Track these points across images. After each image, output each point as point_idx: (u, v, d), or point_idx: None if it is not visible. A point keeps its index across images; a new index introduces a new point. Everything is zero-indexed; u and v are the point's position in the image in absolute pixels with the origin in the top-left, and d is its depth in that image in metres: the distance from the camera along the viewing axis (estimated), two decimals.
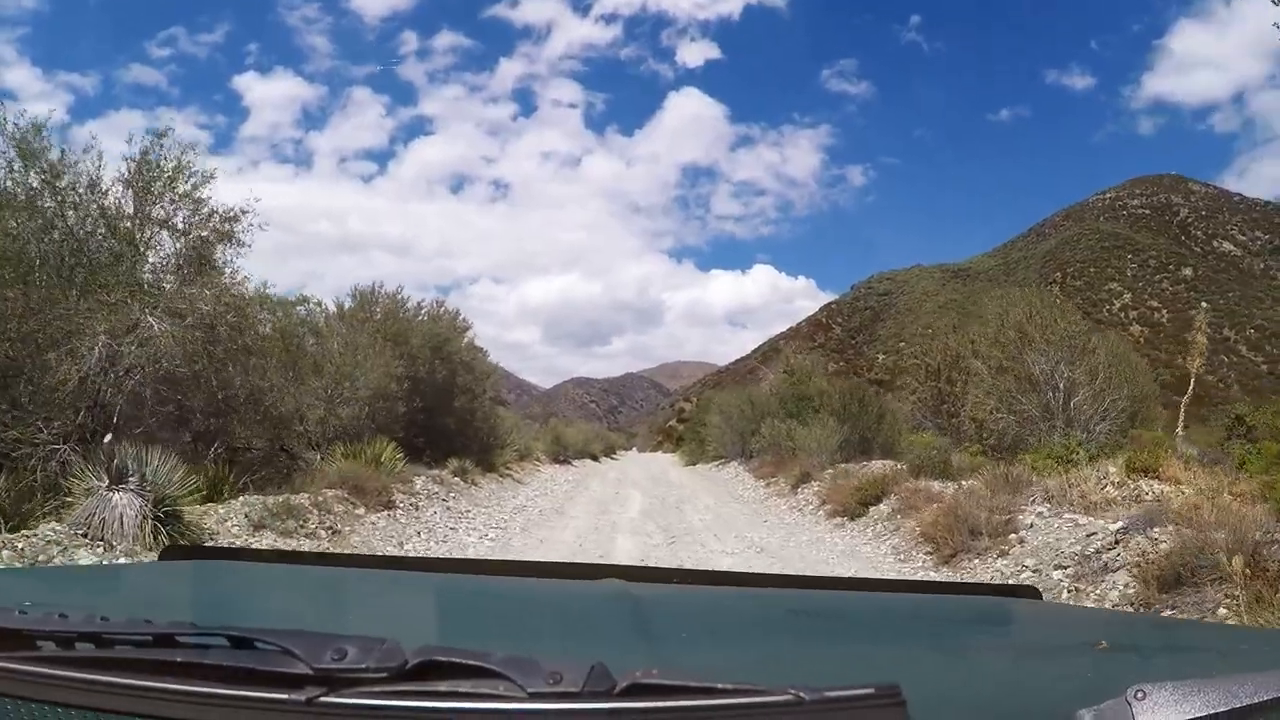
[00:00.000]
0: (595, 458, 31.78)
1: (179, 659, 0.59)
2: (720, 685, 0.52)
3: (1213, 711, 0.57)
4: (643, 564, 6.62)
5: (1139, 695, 0.58)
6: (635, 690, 0.53)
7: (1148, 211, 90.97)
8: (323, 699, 0.54)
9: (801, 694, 0.51)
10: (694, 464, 28.10)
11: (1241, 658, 0.96)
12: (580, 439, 30.93)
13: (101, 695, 0.58)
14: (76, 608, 0.67)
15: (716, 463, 24.80)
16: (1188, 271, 77.39)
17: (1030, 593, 1.41)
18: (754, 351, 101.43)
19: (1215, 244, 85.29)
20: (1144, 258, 78.33)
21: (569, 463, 25.68)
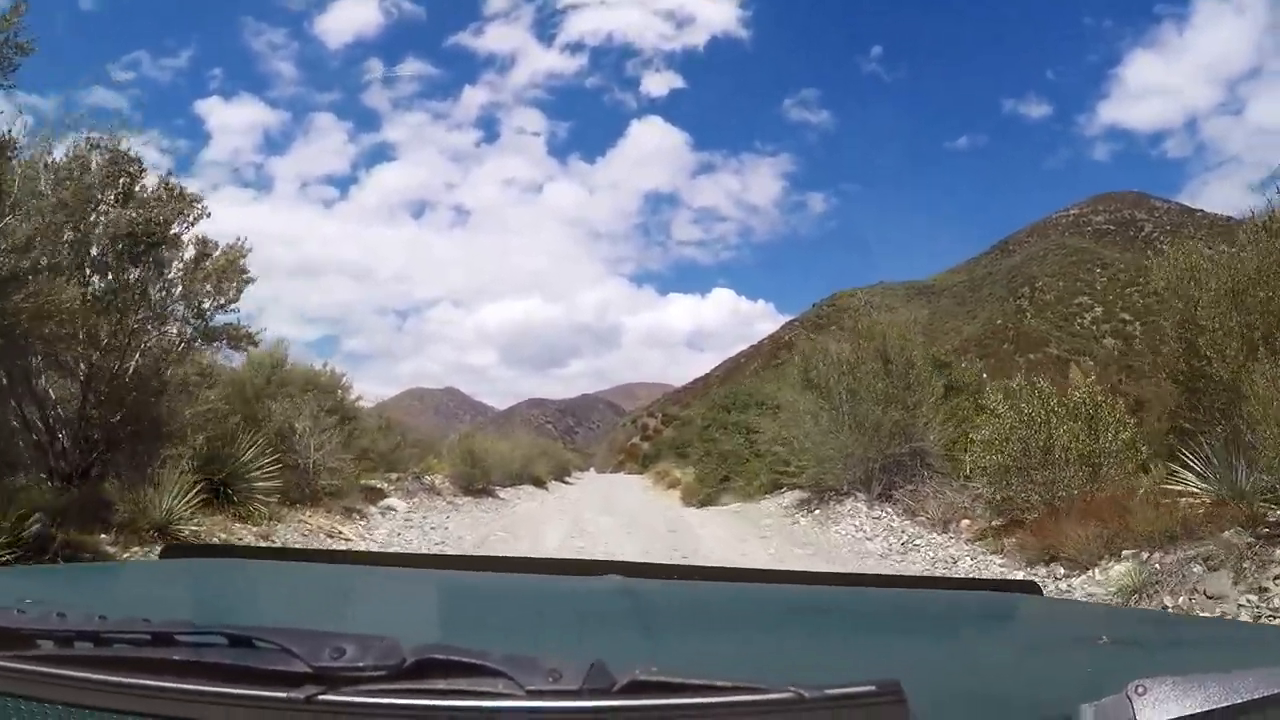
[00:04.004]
0: (541, 483, 22.06)
1: (177, 657, 0.59)
2: (720, 683, 0.52)
3: (1214, 706, 0.57)
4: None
5: (1140, 690, 0.58)
6: (635, 688, 0.53)
7: (1112, 227, 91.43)
8: (321, 697, 0.54)
9: (802, 691, 0.51)
10: (710, 498, 16.42)
11: (1243, 653, 0.96)
12: (517, 457, 20.51)
13: (99, 694, 0.58)
14: (75, 606, 0.67)
15: (779, 498, 13.00)
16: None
17: (1030, 588, 1.41)
18: (714, 370, 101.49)
19: None
20: (1113, 271, 78.09)
21: (491, 494, 15.76)
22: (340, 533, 9.04)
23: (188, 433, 7.00)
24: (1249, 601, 4.45)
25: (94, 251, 6.42)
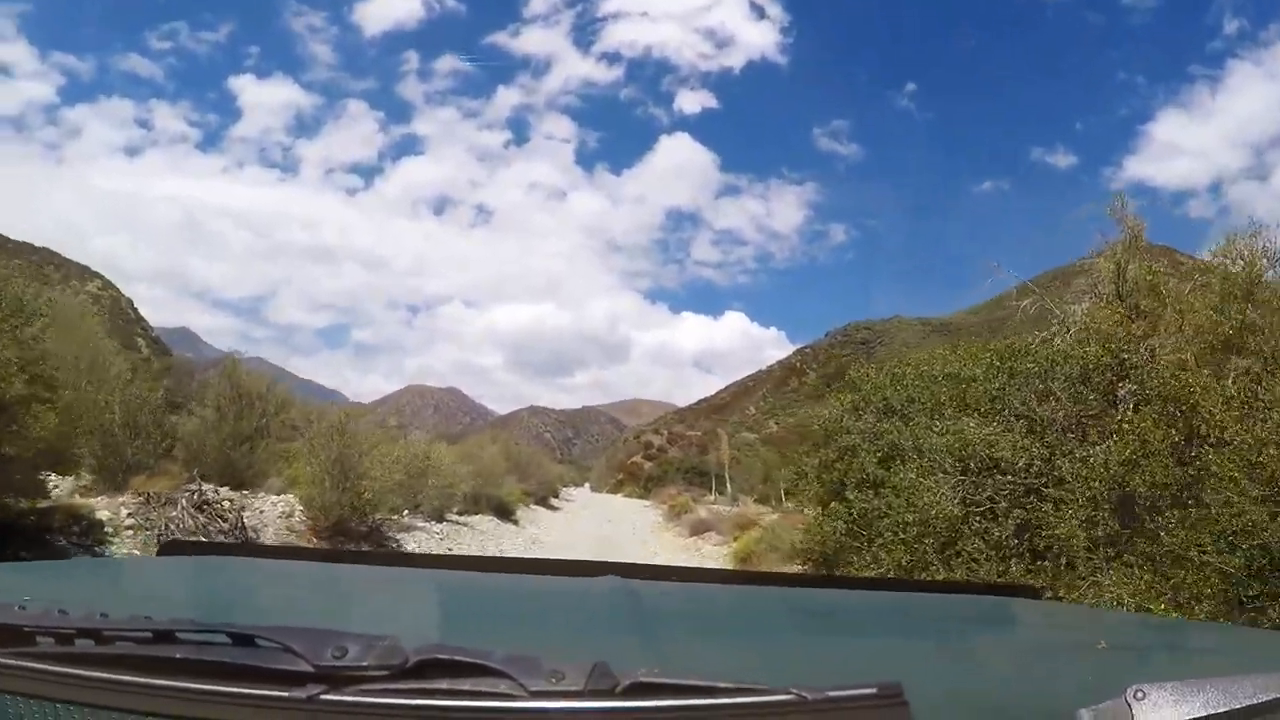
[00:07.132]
0: (508, 513, 15.40)
1: (179, 655, 0.59)
2: (722, 685, 0.52)
3: (1212, 711, 0.57)
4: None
5: (1139, 695, 0.58)
6: (637, 689, 0.53)
7: None
8: (324, 696, 0.54)
9: (804, 693, 0.51)
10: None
11: (1241, 658, 0.96)
12: (466, 473, 12.99)
13: (101, 692, 0.58)
14: (76, 603, 0.67)
15: None
16: None
17: (1029, 592, 1.41)
18: (720, 392, 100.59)
19: None
20: None
21: (386, 539, 9.99)
22: None
23: None
24: None
25: None
